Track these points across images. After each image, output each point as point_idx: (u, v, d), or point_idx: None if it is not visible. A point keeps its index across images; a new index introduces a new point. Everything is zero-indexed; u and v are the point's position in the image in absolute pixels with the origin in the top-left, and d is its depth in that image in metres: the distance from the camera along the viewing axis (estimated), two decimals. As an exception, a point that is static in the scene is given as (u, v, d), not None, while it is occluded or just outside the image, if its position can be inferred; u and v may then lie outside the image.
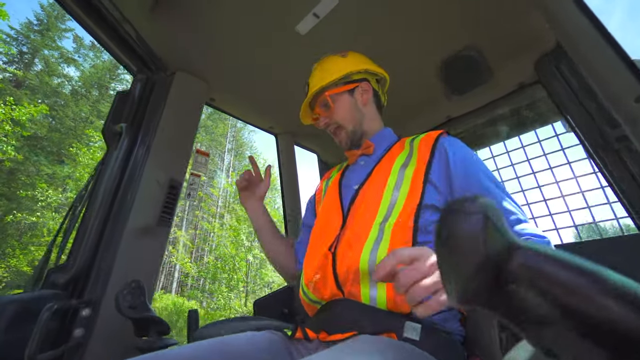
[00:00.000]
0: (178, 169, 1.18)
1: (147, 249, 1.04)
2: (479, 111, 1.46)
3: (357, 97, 0.92)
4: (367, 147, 0.91)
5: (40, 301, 0.83)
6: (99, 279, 0.94)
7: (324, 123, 0.93)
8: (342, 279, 0.73)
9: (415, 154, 0.80)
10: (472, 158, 0.76)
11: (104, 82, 17.71)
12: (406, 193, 0.73)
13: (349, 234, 0.75)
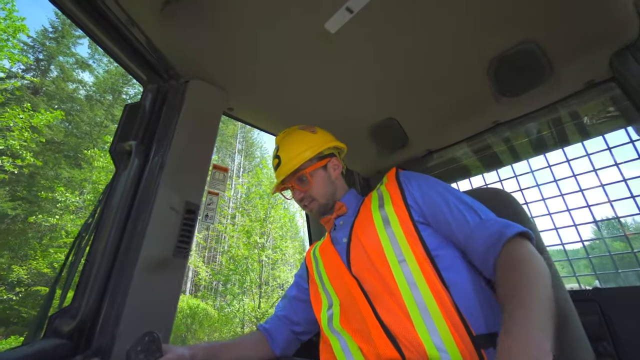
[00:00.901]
0: (195, 191, 1.05)
1: (162, 285, 0.91)
2: (532, 115, 1.27)
3: (329, 172, 0.99)
4: (339, 209, 0.96)
5: (42, 355, 0.71)
6: (108, 323, 0.82)
7: (300, 197, 0.98)
8: (396, 336, 0.62)
9: (387, 194, 0.85)
10: (428, 189, 0.81)
11: (118, 87, 17.98)
12: (399, 227, 0.75)
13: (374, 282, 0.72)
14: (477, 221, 0.70)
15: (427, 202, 0.78)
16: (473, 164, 1.66)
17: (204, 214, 1.16)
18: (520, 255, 0.61)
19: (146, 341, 0.69)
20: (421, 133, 1.51)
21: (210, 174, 1.20)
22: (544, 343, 0.45)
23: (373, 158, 1.70)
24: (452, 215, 0.73)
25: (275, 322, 0.98)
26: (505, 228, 0.66)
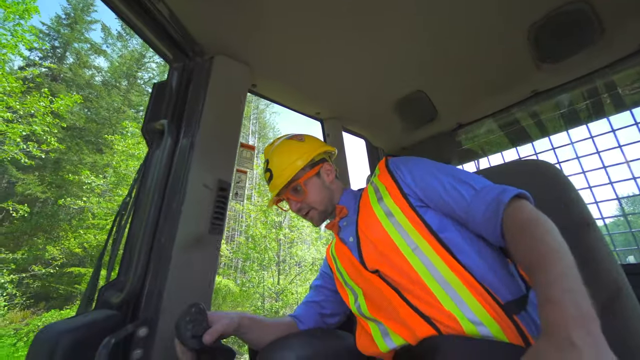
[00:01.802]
0: (226, 168, 1.05)
1: (200, 260, 0.94)
2: (575, 83, 1.19)
3: (323, 178, 0.98)
4: (340, 212, 0.95)
5: (96, 326, 0.75)
6: (152, 296, 0.85)
7: (297, 207, 0.97)
8: (430, 315, 0.62)
9: (382, 186, 0.84)
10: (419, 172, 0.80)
11: (132, 72, 18.11)
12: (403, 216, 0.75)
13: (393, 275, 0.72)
14: (472, 194, 0.69)
15: (421, 186, 0.77)
16: (506, 137, 1.58)
17: (233, 191, 1.17)
18: (524, 217, 0.59)
19: (193, 312, 0.72)
20: (451, 106, 1.45)
21: (238, 152, 1.20)
22: (587, 308, 0.42)
23: (398, 134, 1.65)
24: (448, 194, 0.72)
25: (303, 308, 1.00)
26: (501, 194, 0.65)
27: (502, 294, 0.60)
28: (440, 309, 0.61)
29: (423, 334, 0.61)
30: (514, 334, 0.55)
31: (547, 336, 0.41)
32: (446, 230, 0.72)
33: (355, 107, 1.51)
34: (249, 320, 0.85)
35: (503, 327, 0.56)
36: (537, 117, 1.44)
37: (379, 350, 0.70)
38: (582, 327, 0.39)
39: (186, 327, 0.69)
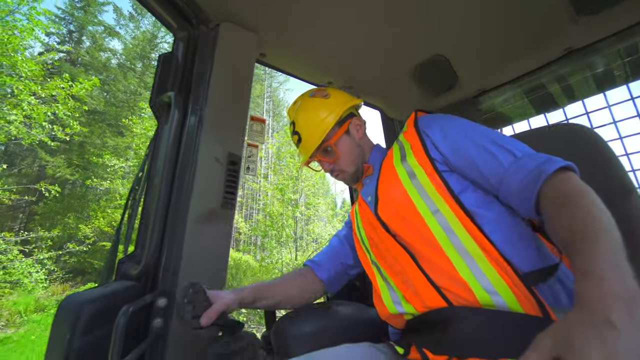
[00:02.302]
0: (236, 141, 1.03)
1: (213, 235, 0.94)
2: (614, 38, 1.06)
3: (353, 134, 0.93)
4: (367, 170, 0.92)
5: (116, 296, 0.78)
6: (169, 269, 0.87)
7: (329, 168, 0.93)
8: (441, 285, 0.59)
9: (407, 144, 0.79)
10: (452, 132, 0.73)
11: (146, 53, 18.13)
12: (426, 178, 0.70)
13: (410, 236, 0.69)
14: (511, 160, 0.63)
15: (451, 148, 0.71)
16: (533, 103, 1.47)
17: (245, 166, 1.15)
18: (569, 188, 0.54)
19: (191, 293, 0.70)
20: (473, 70, 1.35)
21: (248, 125, 1.17)
22: (634, 288, 0.37)
23: (416, 103, 1.56)
24: (481, 159, 0.66)
25: (324, 255, 0.99)
26: (545, 163, 0.58)
27: (522, 264, 0.57)
28: (454, 276, 0.58)
29: (433, 304, 0.59)
30: (531, 306, 0.52)
31: (582, 310, 0.37)
32: (470, 197, 0.67)
33: (370, 75, 1.43)
34: (252, 292, 0.85)
35: (519, 297, 0.53)
36: (567, 80, 1.31)
37: (389, 312, 0.69)
38: (624, 307, 0.34)
39: (185, 308, 0.68)
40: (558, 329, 0.38)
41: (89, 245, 10.46)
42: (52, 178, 11.82)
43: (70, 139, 8.94)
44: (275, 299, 0.90)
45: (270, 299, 0.89)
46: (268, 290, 0.89)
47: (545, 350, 0.36)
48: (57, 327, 0.72)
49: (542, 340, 0.38)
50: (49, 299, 8.09)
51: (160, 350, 0.83)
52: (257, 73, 24.91)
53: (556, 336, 0.37)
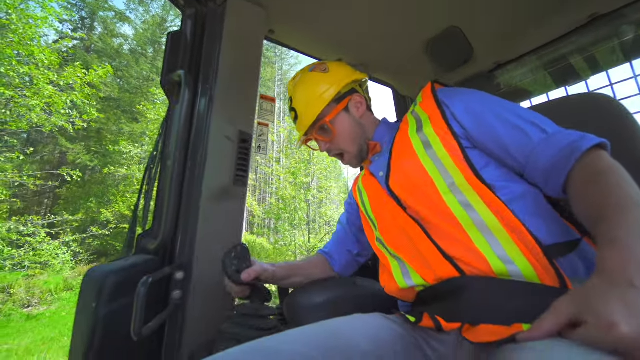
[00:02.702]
0: (246, 119, 1.03)
1: (227, 211, 0.97)
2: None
3: (352, 112, 0.88)
4: (373, 148, 0.88)
5: (136, 269, 0.82)
6: (185, 244, 0.90)
7: (326, 148, 0.89)
8: (454, 255, 0.58)
9: (424, 115, 0.75)
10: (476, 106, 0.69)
11: (156, 38, 18.12)
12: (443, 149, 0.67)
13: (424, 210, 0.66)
14: (541, 137, 0.60)
15: (474, 123, 0.68)
16: (553, 76, 1.40)
17: (256, 145, 1.16)
18: (600, 167, 0.52)
19: (239, 250, 0.77)
20: (490, 42, 1.28)
21: (258, 104, 1.17)
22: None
23: (429, 79, 1.51)
24: (508, 134, 0.64)
25: (333, 245, 1.01)
26: (579, 140, 0.56)
27: (545, 237, 0.56)
28: (469, 246, 0.58)
29: (444, 275, 0.59)
30: (549, 277, 0.51)
31: (603, 275, 0.37)
32: (492, 172, 0.65)
33: (381, 51, 1.38)
34: (283, 270, 0.89)
35: (537, 268, 0.52)
36: (591, 49, 1.23)
37: (398, 287, 0.69)
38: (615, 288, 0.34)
39: (231, 262, 0.75)
40: (577, 293, 0.38)
41: (111, 229, 10.91)
42: (72, 164, 12.25)
43: (88, 125, 9.17)
44: (301, 278, 0.93)
45: (300, 277, 0.93)
46: (298, 270, 0.94)
47: (563, 314, 0.37)
48: (84, 296, 0.76)
49: (560, 304, 0.38)
50: (76, 279, 8.56)
51: (180, 320, 0.87)
52: (268, 55, 24.60)
53: (574, 300, 0.37)
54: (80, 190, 12.68)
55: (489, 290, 0.54)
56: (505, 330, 0.46)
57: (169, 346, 0.85)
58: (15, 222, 6.78)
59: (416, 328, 0.62)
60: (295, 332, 0.57)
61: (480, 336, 0.49)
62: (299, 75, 0.93)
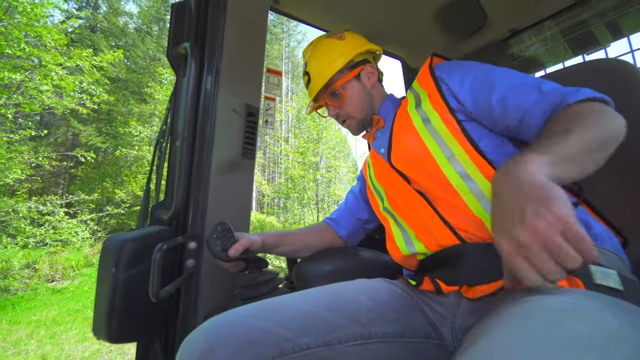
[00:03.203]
0: (253, 92, 1.03)
1: (236, 183, 0.99)
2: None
3: (364, 81, 0.89)
4: (377, 123, 0.89)
5: (151, 237, 0.85)
6: (197, 216, 0.93)
7: (335, 113, 0.91)
8: (455, 225, 0.60)
9: (422, 92, 0.76)
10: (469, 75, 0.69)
11: (161, 15, 17.79)
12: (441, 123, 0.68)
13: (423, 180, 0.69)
14: (535, 98, 0.59)
15: (471, 94, 0.68)
16: (570, 43, 1.33)
17: (263, 119, 1.16)
18: (584, 108, 0.51)
19: (219, 230, 0.78)
20: (505, 7, 1.22)
21: (265, 77, 1.16)
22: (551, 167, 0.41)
23: (440, 49, 1.47)
24: (504, 100, 0.63)
25: (341, 212, 1.03)
26: (574, 93, 0.54)
27: None
28: (469, 215, 0.59)
29: (446, 242, 0.61)
30: None
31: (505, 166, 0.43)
32: (488, 141, 0.66)
33: (391, 21, 1.34)
34: (273, 238, 0.91)
35: None
36: (611, 14, 1.16)
37: (402, 254, 0.72)
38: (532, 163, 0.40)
39: (215, 242, 0.76)
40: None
41: (126, 209, 11.26)
42: (85, 146, 12.46)
43: (98, 107, 9.26)
44: (296, 246, 0.96)
45: (291, 245, 0.95)
46: (290, 237, 0.95)
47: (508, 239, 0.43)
48: (103, 262, 0.81)
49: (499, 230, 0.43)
50: (95, 256, 8.96)
51: (194, 286, 0.92)
52: (275, 32, 23.97)
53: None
54: (94, 171, 13.00)
55: (487, 254, 0.55)
56: (502, 282, 0.48)
57: (185, 310, 0.90)
58: (35, 201, 7.04)
59: (417, 291, 0.64)
60: (300, 293, 0.61)
61: (477, 292, 0.51)
62: (316, 41, 0.95)
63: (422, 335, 0.58)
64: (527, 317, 0.33)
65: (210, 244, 0.76)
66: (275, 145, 18.01)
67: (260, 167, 19.49)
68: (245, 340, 0.51)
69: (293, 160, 12.52)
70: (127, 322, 0.79)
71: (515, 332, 0.31)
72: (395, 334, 0.57)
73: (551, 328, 0.29)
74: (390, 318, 0.58)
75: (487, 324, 0.38)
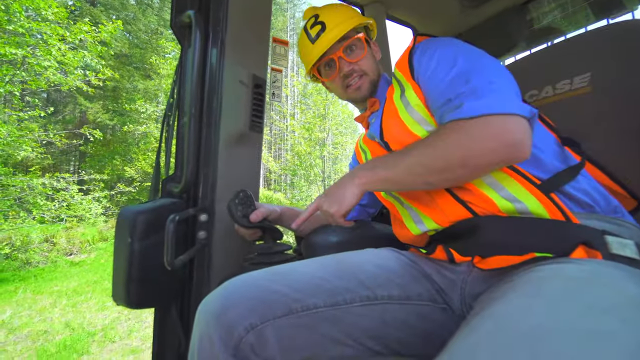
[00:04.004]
0: (259, 63, 1.01)
1: (244, 156, 0.99)
2: None
3: (373, 49, 0.87)
4: (372, 105, 0.86)
5: (164, 209, 0.87)
6: (207, 188, 0.95)
7: (349, 69, 0.82)
8: (466, 199, 0.59)
9: (402, 78, 0.73)
10: (425, 56, 0.67)
11: (161, -15, 17.14)
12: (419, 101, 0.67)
13: None
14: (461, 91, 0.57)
15: (424, 69, 0.66)
16: (594, 7, 1.24)
17: (270, 92, 1.14)
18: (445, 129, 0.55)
19: (241, 196, 0.80)
20: (524, -32, 1.15)
21: (271, 48, 1.12)
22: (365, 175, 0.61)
23: (453, 16, 1.40)
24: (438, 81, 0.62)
25: None
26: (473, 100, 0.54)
27: (541, 172, 0.56)
28: (476, 192, 0.58)
29: (458, 217, 0.60)
30: (552, 211, 0.52)
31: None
32: None
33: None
34: (290, 211, 0.93)
35: (543, 203, 0.53)
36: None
37: (412, 234, 0.71)
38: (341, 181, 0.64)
39: (236, 207, 0.78)
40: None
41: (136, 186, 11.47)
42: (93, 123, 12.52)
43: (104, 84, 9.19)
44: (309, 223, 0.97)
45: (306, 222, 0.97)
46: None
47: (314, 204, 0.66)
48: (119, 233, 0.84)
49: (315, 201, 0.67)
50: (109, 231, 9.27)
51: (207, 257, 0.95)
52: (279, 2, 23.01)
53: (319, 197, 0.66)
54: (104, 149, 13.14)
55: (500, 228, 0.55)
56: (518, 258, 0.48)
57: (198, 278, 0.94)
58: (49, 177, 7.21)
59: (426, 260, 0.65)
60: (309, 260, 0.64)
61: (491, 264, 0.52)
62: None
63: (427, 299, 0.60)
64: (544, 282, 0.34)
65: (232, 209, 0.78)
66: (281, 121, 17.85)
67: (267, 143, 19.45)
68: (257, 300, 0.54)
69: (299, 137, 12.44)
70: (145, 289, 0.83)
71: (533, 295, 0.32)
72: (401, 297, 0.59)
73: (570, 293, 0.30)
74: (396, 283, 0.60)
75: (501, 290, 0.39)
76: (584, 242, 0.46)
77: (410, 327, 0.57)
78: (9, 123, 6.32)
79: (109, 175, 11.44)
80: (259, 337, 0.52)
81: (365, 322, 0.56)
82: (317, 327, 0.54)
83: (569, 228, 0.50)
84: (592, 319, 0.26)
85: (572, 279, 0.34)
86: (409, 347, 0.57)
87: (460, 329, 0.33)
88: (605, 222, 0.52)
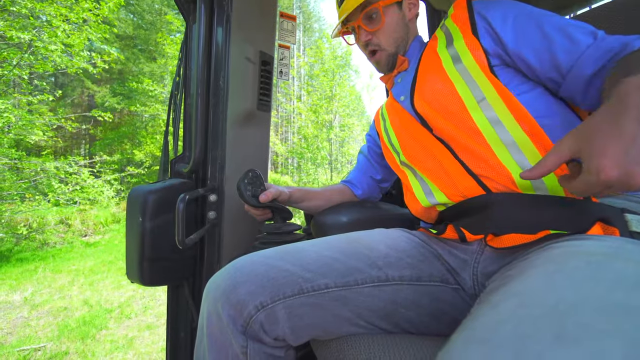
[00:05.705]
0: (266, 39, 0.97)
1: (252, 136, 0.98)
2: None
3: (405, 10, 0.80)
4: (401, 64, 0.80)
5: (173, 189, 0.87)
6: (215, 168, 0.94)
7: (366, 39, 0.80)
8: (480, 173, 0.57)
9: (455, 28, 0.67)
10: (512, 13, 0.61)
11: (163, -37, 16.65)
12: (473, 62, 0.62)
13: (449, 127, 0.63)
14: (589, 42, 0.52)
15: (513, 33, 0.60)
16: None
17: (278, 70, 1.11)
18: None
19: (250, 176, 0.79)
20: None
21: (278, 24, 1.08)
22: None
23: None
24: (551, 43, 0.55)
25: (356, 173, 1.03)
26: (636, 40, 0.48)
27: None
28: (495, 164, 0.56)
29: (470, 193, 0.59)
30: None
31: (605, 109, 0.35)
32: (524, 84, 0.60)
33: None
34: (299, 192, 0.92)
35: None
36: None
37: (421, 206, 0.70)
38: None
39: (246, 187, 0.77)
40: (580, 128, 0.36)
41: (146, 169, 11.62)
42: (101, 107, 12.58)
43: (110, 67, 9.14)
44: (320, 201, 0.97)
45: (315, 201, 0.96)
46: (314, 194, 0.97)
47: (565, 150, 0.36)
48: (130, 213, 0.84)
49: (563, 141, 0.36)
50: (122, 213, 9.48)
51: (217, 236, 0.96)
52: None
53: (577, 135, 0.35)
54: (113, 132, 13.26)
55: (514, 204, 0.53)
56: (532, 236, 0.47)
57: (209, 257, 0.95)
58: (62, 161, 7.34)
59: (436, 240, 0.64)
60: (319, 240, 0.63)
61: (504, 242, 0.50)
62: None
63: (438, 280, 0.59)
64: (565, 257, 0.33)
65: (241, 188, 0.77)
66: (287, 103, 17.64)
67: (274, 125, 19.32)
68: (267, 278, 0.54)
69: (306, 119, 12.32)
70: (158, 268, 0.85)
71: (556, 271, 0.30)
72: (412, 277, 0.58)
73: (595, 269, 0.28)
74: (407, 263, 0.59)
75: (518, 267, 0.38)
76: (601, 219, 0.44)
77: (421, 307, 0.57)
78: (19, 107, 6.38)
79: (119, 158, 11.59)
80: (269, 315, 0.52)
81: (376, 303, 0.56)
82: (328, 306, 0.54)
83: (587, 205, 0.48)
84: (622, 294, 0.25)
85: (594, 254, 0.32)
86: (419, 326, 0.57)
87: (479, 306, 0.33)
88: (625, 200, 0.50)
